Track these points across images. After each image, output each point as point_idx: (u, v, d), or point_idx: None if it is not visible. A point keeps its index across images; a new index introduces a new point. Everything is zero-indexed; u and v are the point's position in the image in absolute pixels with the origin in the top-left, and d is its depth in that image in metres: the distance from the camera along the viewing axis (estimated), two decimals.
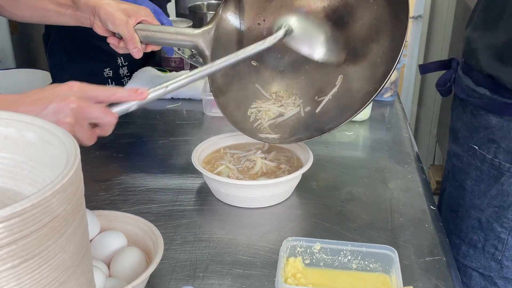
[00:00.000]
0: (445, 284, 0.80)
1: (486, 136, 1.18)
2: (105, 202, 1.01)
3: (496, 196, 1.18)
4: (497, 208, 1.18)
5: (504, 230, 1.18)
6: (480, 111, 1.18)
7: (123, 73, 1.69)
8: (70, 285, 0.43)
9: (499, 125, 1.14)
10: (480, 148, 1.19)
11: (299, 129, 1.03)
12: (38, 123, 0.48)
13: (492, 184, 1.18)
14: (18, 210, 0.36)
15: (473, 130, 1.21)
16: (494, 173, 1.17)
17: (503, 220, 1.18)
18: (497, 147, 1.15)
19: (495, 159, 1.16)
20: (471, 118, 1.22)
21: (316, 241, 0.80)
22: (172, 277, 0.81)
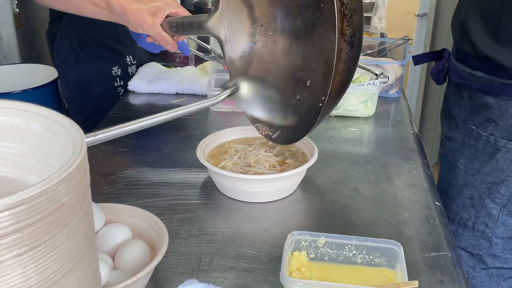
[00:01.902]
0: (450, 279, 0.80)
1: (484, 116, 1.20)
2: (110, 195, 1.01)
3: (490, 172, 1.20)
4: (490, 184, 1.20)
5: (495, 206, 1.20)
6: (478, 94, 1.21)
7: (132, 71, 1.69)
8: (75, 275, 0.43)
9: (497, 105, 1.17)
10: (478, 127, 1.21)
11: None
12: (44, 113, 0.48)
13: (486, 161, 1.20)
14: (25, 197, 0.36)
15: (472, 112, 1.23)
16: (489, 150, 1.19)
17: (496, 196, 1.20)
18: (494, 126, 1.18)
19: (490, 136, 1.19)
20: (469, 101, 1.24)
21: (321, 235, 0.79)
22: (177, 270, 0.81)
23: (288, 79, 0.93)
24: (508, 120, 1.16)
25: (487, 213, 1.22)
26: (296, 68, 0.91)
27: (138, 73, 1.59)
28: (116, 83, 1.68)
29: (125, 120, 1.38)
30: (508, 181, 1.19)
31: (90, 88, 1.68)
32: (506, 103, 1.15)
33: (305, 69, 0.88)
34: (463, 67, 1.25)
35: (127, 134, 1.26)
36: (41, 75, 2.27)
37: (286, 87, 0.93)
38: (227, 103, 1.40)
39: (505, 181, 1.19)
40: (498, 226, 1.21)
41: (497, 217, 1.21)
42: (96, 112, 1.67)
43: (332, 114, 1.37)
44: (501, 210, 1.20)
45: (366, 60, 1.52)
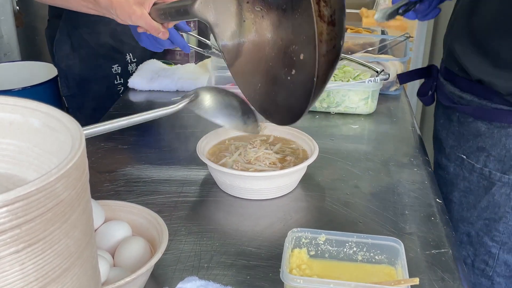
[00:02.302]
0: (451, 277, 0.80)
1: (475, 145, 1.11)
2: (110, 193, 1.01)
3: (487, 207, 1.11)
4: (488, 220, 1.12)
5: (495, 244, 1.12)
6: (468, 118, 1.12)
7: (132, 69, 1.68)
8: (74, 271, 0.43)
9: (489, 132, 1.08)
10: (469, 157, 1.13)
11: None
12: (43, 109, 0.48)
13: (482, 195, 1.11)
14: (23, 194, 0.36)
15: (461, 139, 1.15)
16: (484, 184, 1.10)
17: (494, 234, 1.11)
18: (487, 156, 1.09)
19: (484, 169, 1.10)
20: (458, 126, 1.15)
21: (321, 232, 0.79)
22: (177, 267, 0.81)
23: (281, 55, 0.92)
24: (502, 150, 1.07)
25: (486, 251, 1.14)
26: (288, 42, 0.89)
27: (138, 70, 1.59)
28: (116, 81, 1.68)
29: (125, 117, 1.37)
30: (506, 218, 1.10)
31: (90, 86, 1.67)
32: (499, 131, 1.06)
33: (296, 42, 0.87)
34: (452, 88, 1.16)
35: (127, 132, 1.26)
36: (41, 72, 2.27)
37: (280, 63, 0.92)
38: None
39: (503, 218, 1.10)
40: (499, 265, 1.12)
41: (497, 255, 1.12)
42: (96, 110, 1.67)
43: (332, 112, 1.37)
44: (500, 248, 1.11)
45: (367, 57, 1.52)
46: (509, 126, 1.05)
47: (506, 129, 1.06)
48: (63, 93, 1.71)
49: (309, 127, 1.29)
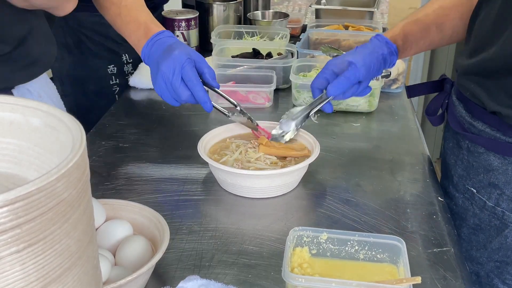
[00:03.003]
0: (453, 275, 0.80)
1: (487, 179, 0.99)
2: (111, 191, 1.01)
3: (499, 249, 1.01)
4: (499, 263, 1.02)
5: (506, 287, 1.02)
6: (479, 149, 1.00)
7: (128, 70, 1.68)
8: (75, 271, 0.43)
9: (503, 168, 0.96)
10: (479, 192, 1.02)
11: None
12: (44, 108, 0.48)
13: (493, 236, 1.01)
14: (23, 193, 0.36)
15: (470, 170, 1.03)
16: (496, 224, 1.00)
17: (506, 277, 1.01)
18: (500, 194, 0.98)
19: (497, 208, 0.98)
20: (468, 156, 1.04)
21: (323, 231, 0.79)
22: (178, 266, 0.81)
23: None
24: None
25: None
26: None
27: (139, 68, 1.58)
28: (111, 81, 1.67)
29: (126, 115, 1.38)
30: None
31: (85, 86, 1.66)
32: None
33: None
34: (464, 112, 1.03)
35: (127, 130, 1.26)
36: None
37: None
38: None
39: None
40: None
41: None
42: (91, 110, 1.66)
43: (334, 110, 1.37)
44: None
45: None
46: None
47: None
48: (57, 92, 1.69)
49: (310, 125, 1.28)
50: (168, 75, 1.00)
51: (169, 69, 0.99)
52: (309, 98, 1.36)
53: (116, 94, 1.68)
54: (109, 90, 1.67)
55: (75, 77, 1.66)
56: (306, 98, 1.37)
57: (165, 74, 1.00)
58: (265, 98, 1.39)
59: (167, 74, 1.00)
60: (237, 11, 1.86)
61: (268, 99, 1.39)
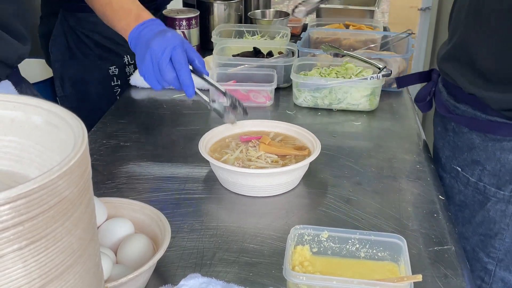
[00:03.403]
0: (454, 273, 0.80)
1: (470, 157, 1.07)
2: (112, 190, 1.01)
3: (482, 223, 1.07)
4: (483, 236, 1.08)
5: (491, 260, 1.08)
6: (463, 129, 1.09)
7: (129, 71, 1.67)
8: (76, 269, 0.43)
9: (483, 145, 1.04)
10: (463, 169, 1.09)
11: None
12: (45, 106, 0.48)
13: (476, 210, 1.08)
14: (25, 191, 0.36)
15: (456, 150, 1.12)
16: (479, 198, 1.07)
17: (490, 250, 1.07)
18: (481, 169, 1.05)
19: (479, 183, 1.06)
20: (453, 137, 1.12)
21: (324, 229, 0.79)
22: (179, 264, 0.81)
23: None
24: (496, 165, 1.03)
25: (482, 267, 1.10)
26: None
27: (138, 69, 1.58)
28: (113, 82, 1.66)
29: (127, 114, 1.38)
30: (502, 234, 1.06)
31: (86, 87, 1.66)
32: (493, 145, 1.03)
33: None
34: (448, 96, 1.12)
35: (129, 129, 1.26)
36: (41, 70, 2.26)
37: None
38: None
39: (498, 234, 1.06)
40: (496, 282, 1.09)
41: (494, 272, 1.08)
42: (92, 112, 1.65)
43: (334, 108, 1.37)
44: (497, 265, 1.08)
45: (369, 53, 1.51)
46: (504, 140, 1.02)
47: (500, 143, 1.02)
48: (58, 93, 1.69)
49: (311, 124, 1.29)
50: (157, 53, 0.98)
51: (160, 47, 0.98)
52: (310, 97, 1.36)
53: (117, 96, 1.67)
54: (110, 91, 1.67)
55: (76, 78, 1.65)
56: (307, 97, 1.37)
57: (154, 51, 0.98)
58: (266, 97, 1.39)
59: (157, 52, 0.98)
60: (237, 10, 1.86)
61: (269, 98, 1.39)
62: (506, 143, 1.01)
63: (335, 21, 1.85)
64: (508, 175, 1.02)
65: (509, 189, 1.03)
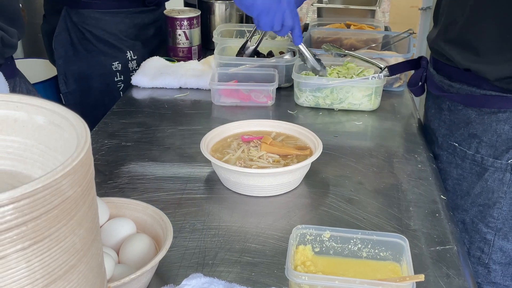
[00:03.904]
0: (456, 273, 0.80)
1: (467, 132, 1.12)
2: (114, 190, 1.01)
3: (480, 194, 1.11)
4: (482, 207, 1.12)
5: (490, 230, 1.11)
6: (458, 106, 1.13)
7: (132, 67, 1.68)
8: (80, 268, 0.43)
9: (480, 118, 1.09)
10: (461, 145, 1.14)
11: None
12: (48, 106, 0.48)
13: (475, 181, 1.12)
14: (29, 191, 0.36)
15: (452, 127, 1.16)
16: (476, 170, 1.11)
17: (489, 220, 1.11)
18: (478, 142, 1.10)
19: (477, 155, 1.10)
20: (449, 115, 1.16)
21: (326, 229, 0.79)
22: (181, 264, 0.81)
23: None
24: (493, 136, 1.07)
25: (481, 238, 1.13)
26: None
27: (141, 67, 1.59)
28: (116, 78, 1.67)
29: (128, 114, 1.38)
30: (500, 203, 1.09)
31: (90, 83, 1.67)
32: (489, 117, 1.07)
33: None
34: (441, 77, 1.17)
35: (130, 129, 1.26)
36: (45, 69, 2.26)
37: None
38: (231, 97, 1.40)
39: (497, 203, 1.09)
40: (495, 252, 1.12)
41: (493, 242, 1.12)
42: (95, 107, 1.66)
43: (336, 108, 1.37)
44: (496, 235, 1.11)
45: (370, 53, 1.51)
46: (499, 112, 1.06)
47: (496, 115, 1.06)
48: (61, 90, 1.70)
49: (312, 124, 1.29)
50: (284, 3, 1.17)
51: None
52: (311, 97, 1.36)
53: (121, 91, 1.68)
54: (113, 87, 1.68)
55: (80, 74, 1.66)
56: (308, 97, 1.37)
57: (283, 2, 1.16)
58: (267, 96, 1.39)
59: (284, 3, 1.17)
60: (239, 10, 1.86)
61: (270, 97, 1.39)
62: (501, 114, 1.06)
63: (336, 20, 1.85)
64: (504, 145, 1.06)
65: (506, 157, 1.07)
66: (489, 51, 1.03)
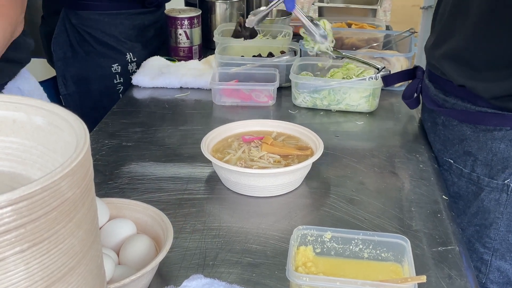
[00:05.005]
0: (458, 274, 0.79)
1: (461, 149, 1.08)
2: (114, 190, 1.01)
3: (477, 213, 1.08)
4: (478, 226, 1.09)
5: (486, 250, 1.09)
6: (453, 122, 1.09)
7: (132, 69, 1.67)
8: (79, 270, 0.43)
9: (475, 136, 1.05)
10: (456, 161, 1.10)
11: None
12: (47, 107, 0.48)
13: (471, 201, 1.09)
14: (27, 193, 0.35)
15: (447, 143, 1.13)
16: (472, 189, 1.08)
17: (485, 240, 1.08)
18: (474, 160, 1.06)
19: (472, 173, 1.07)
20: (443, 130, 1.13)
21: (327, 229, 0.79)
22: (182, 265, 0.81)
23: None
24: (488, 154, 1.03)
25: (478, 257, 1.11)
26: None
27: (142, 67, 1.58)
28: (115, 80, 1.66)
29: (129, 114, 1.38)
30: (497, 224, 1.06)
31: (89, 85, 1.66)
32: (484, 135, 1.03)
33: None
34: (436, 90, 1.13)
35: (131, 129, 1.26)
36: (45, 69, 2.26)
37: None
38: (231, 96, 1.40)
39: (493, 224, 1.06)
40: (492, 272, 1.09)
41: (490, 261, 1.09)
42: (95, 109, 1.66)
43: (333, 109, 1.36)
44: (493, 255, 1.08)
45: (371, 52, 1.51)
46: (494, 129, 1.02)
47: (491, 133, 1.02)
48: (61, 91, 1.69)
49: (313, 124, 1.28)
50: None
51: None
52: (309, 98, 1.35)
53: (120, 93, 1.67)
54: (113, 89, 1.67)
55: (79, 76, 1.65)
56: (305, 98, 1.36)
57: None
58: (268, 96, 1.38)
59: None
60: (239, 9, 1.86)
61: (271, 97, 1.39)
62: (497, 132, 1.02)
63: (337, 20, 1.85)
64: (500, 164, 1.03)
65: (502, 177, 1.03)
66: (485, 69, 1.00)
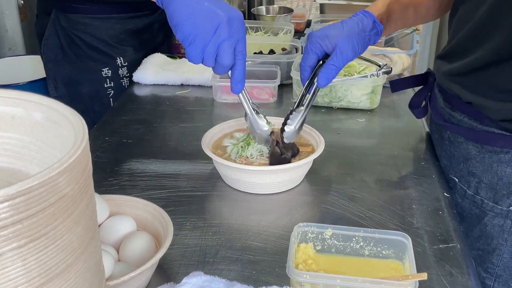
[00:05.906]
0: (459, 271, 0.79)
1: (466, 168, 1.03)
2: (114, 187, 1.00)
3: (479, 237, 1.03)
4: (481, 251, 1.04)
5: (489, 276, 1.04)
6: (459, 139, 1.04)
7: (123, 73, 1.64)
8: (77, 267, 0.43)
9: (480, 156, 0.99)
10: (460, 181, 1.05)
11: None
12: (46, 102, 0.47)
13: (474, 224, 1.04)
14: (24, 188, 0.35)
15: (452, 160, 1.07)
16: (476, 212, 1.03)
17: (488, 265, 1.04)
18: (478, 182, 1.01)
19: (476, 196, 1.02)
20: (449, 146, 1.07)
21: (328, 227, 0.78)
22: (182, 262, 0.80)
23: None
24: (494, 178, 0.98)
25: (480, 282, 1.04)
26: None
27: (143, 64, 1.58)
28: (106, 84, 1.64)
29: (129, 111, 1.38)
30: (500, 250, 1.01)
31: (79, 88, 1.63)
32: (490, 157, 0.97)
33: None
34: (444, 103, 1.07)
35: (131, 126, 1.25)
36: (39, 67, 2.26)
37: None
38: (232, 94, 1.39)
39: (496, 250, 1.01)
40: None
41: (492, 287, 1.05)
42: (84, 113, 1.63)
43: (334, 106, 1.36)
44: (495, 281, 1.04)
45: (373, 50, 1.50)
46: (501, 152, 0.96)
47: (497, 155, 0.97)
48: (51, 94, 1.67)
49: (314, 121, 1.28)
50: (225, 32, 0.82)
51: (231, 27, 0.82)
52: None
53: (110, 98, 1.65)
54: (103, 93, 1.64)
55: (69, 79, 1.62)
56: None
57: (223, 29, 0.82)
58: (269, 93, 1.38)
59: (223, 32, 0.82)
60: (241, 6, 1.86)
61: (272, 94, 1.38)
62: (504, 155, 0.96)
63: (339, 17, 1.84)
64: (505, 189, 0.97)
65: (507, 203, 0.98)
66: (500, 90, 0.93)
